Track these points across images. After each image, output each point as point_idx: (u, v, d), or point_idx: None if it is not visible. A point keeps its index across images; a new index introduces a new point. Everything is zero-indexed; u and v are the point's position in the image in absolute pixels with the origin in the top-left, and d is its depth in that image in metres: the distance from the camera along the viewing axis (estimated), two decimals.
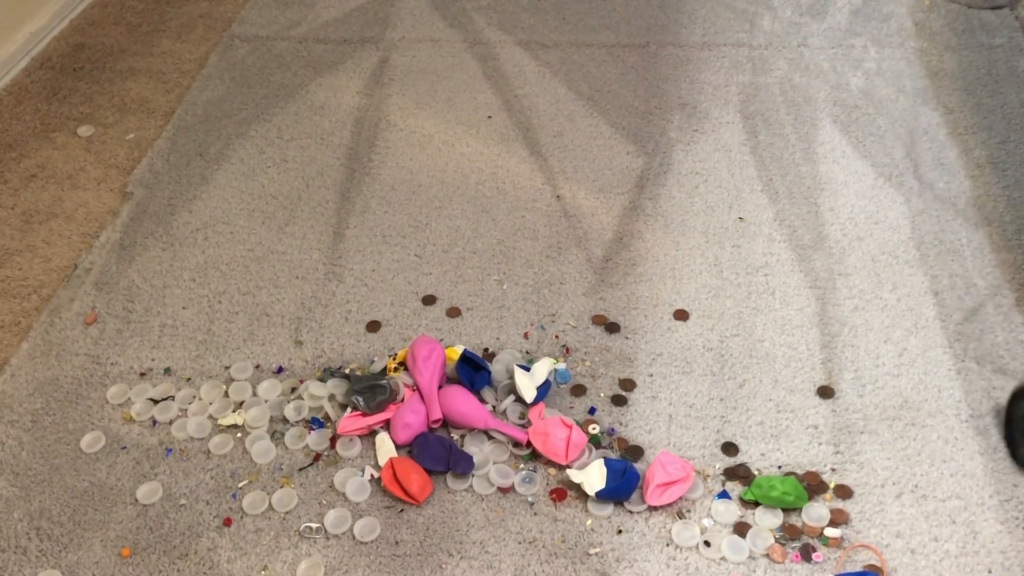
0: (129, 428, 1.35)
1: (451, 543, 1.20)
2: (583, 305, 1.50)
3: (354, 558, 1.18)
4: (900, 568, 1.14)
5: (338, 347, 1.46)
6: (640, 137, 1.83)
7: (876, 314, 1.46)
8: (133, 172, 1.82)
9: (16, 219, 1.73)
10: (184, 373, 1.43)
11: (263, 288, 1.56)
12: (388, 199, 1.73)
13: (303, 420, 1.35)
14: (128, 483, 1.28)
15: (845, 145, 1.78)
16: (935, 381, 1.36)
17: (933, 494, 1.22)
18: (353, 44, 2.14)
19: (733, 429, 1.31)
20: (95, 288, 1.58)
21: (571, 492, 1.24)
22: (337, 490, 1.26)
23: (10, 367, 1.45)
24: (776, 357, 1.40)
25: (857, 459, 1.26)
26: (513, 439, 1.30)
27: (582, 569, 1.16)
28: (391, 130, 1.89)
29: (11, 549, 1.21)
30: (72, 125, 1.96)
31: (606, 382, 1.38)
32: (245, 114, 1.95)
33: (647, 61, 2.04)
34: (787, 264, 1.55)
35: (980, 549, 1.16)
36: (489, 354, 1.43)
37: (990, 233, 1.58)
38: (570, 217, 1.67)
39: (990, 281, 1.50)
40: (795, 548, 1.17)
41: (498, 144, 1.84)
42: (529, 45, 2.11)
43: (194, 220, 1.71)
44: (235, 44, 2.17)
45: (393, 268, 1.59)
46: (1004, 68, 1.94)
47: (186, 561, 1.19)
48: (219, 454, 1.31)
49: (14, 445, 1.34)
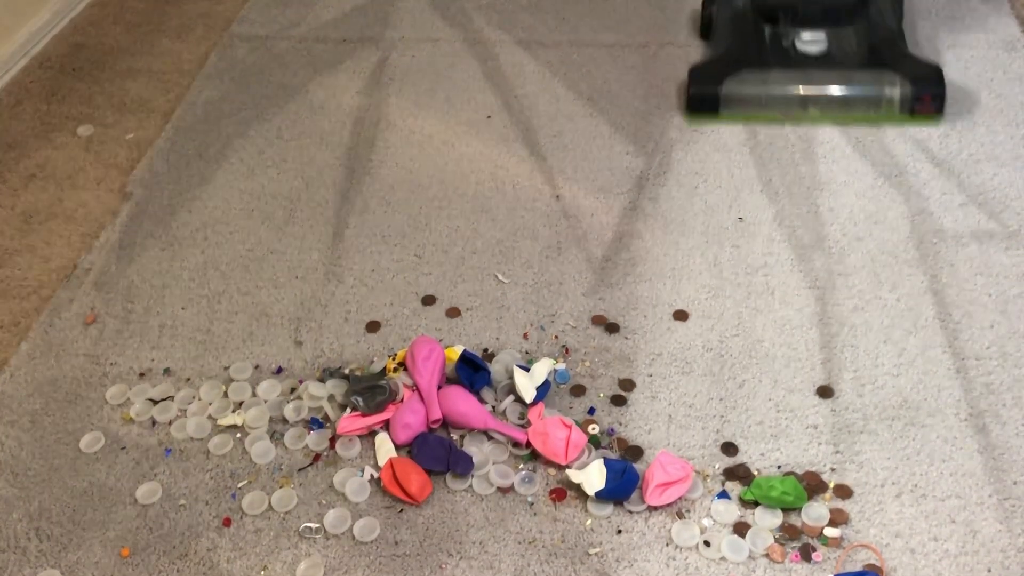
0: (128, 428, 1.36)
1: (451, 543, 1.20)
2: (583, 305, 1.50)
3: (354, 558, 1.18)
4: (900, 568, 1.14)
5: (338, 347, 1.46)
6: (640, 137, 1.83)
7: (876, 314, 1.46)
8: (133, 172, 1.82)
9: (16, 219, 1.73)
10: (183, 373, 1.43)
11: (263, 288, 1.56)
12: (388, 199, 1.73)
13: (303, 420, 1.35)
14: (127, 483, 1.28)
15: (845, 145, 1.78)
16: (935, 381, 1.36)
17: (933, 494, 1.22)
18: (353, 44, 2.14)
19: (733, 429, 1.31)
20: (95, 288, 1.58)
21: (571, 492, 1.24)
22: (337, 490, 1.26)
23: (9, 367, 1.45)
24: (776, 357, 1.40)
25: (857, 459, 1.26)
26: (513, 439, 1.30)
27: (582, 569, 1.16)
28: (391, 130, 1.89)
29: (11, 549, 1.21)
30: (72, 125, 1.96)
31: (606, 382, 1.38)
32: (245, 114, 1.95)
33: (647, 61, 2.04)
34: (787, 264, 1.55)
35: (980, 548, 1.16)
36: (489, 354, 1.43)
37: (993, 231, 1.58)
38: (570, 217, 1.67)
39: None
40: (795, 548, 1.17)
41: (498, 144, 1.84)
42: (529, 45, 2.11)
43: (194, 220, 1.71)
44: (235, 44, 2.17)
45: (393, 268, 1.59)
46: (1003, 67, 1.94)
47: (185, 561, 1.19)
48: (218, 454, 1.31)
49: (13, 445, 1.34)
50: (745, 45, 1.88)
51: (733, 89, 1.81)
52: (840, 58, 1.84)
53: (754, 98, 1.81)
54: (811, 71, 1.81)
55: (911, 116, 1.77)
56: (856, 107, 1.79)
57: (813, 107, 1.79)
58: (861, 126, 1.79)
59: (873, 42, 1.84)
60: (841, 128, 1.81)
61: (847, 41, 1.85)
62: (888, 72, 1.78)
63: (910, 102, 1.77)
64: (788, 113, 1.79)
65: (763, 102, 1.80)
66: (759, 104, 1.81)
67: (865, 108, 1.78)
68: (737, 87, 1.81)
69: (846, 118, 1.79)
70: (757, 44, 1.87)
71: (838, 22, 1.88)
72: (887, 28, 1.88)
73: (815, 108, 1.79)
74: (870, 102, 1.78)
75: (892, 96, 1.76)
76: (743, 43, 1.88)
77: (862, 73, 1.81)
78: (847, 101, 1.79)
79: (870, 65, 1.82)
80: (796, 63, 1.84)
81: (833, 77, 1.80)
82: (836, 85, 1.79)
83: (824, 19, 1.88)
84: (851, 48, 1.84)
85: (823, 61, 1.83)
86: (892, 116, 1.78)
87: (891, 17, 1.92)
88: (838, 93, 1.79)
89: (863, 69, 1.81)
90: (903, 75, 1.78)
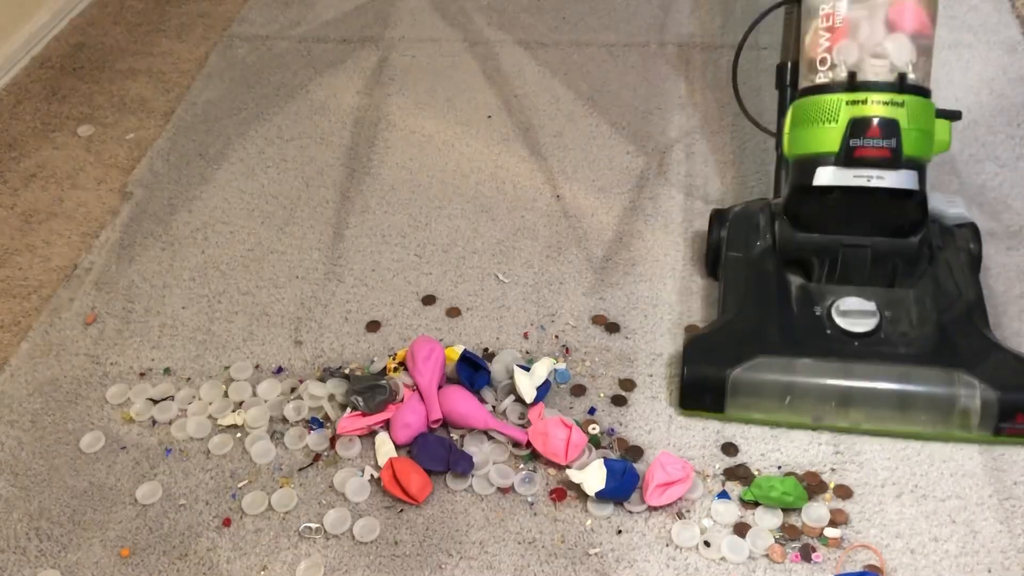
0: (129, 428, 1.36)
1: (451, 543, 1.20)
2: (583, 305, 1.50)
3: (354, 558, 1.18)
4: (900, 568, 1.14)
5: (338, 347, 1.46)
6: (640, 137, 1.83)
7: None
8: (133, 172, 1.82)
9: (16, 219, 1.73)
10: (184, 373, 1.43)
11: (263, 288, 1.56)
12: (388, 199, 1.73)
13: (303, 420, 1.35)
14: (128, 483, 1.28)
15: None
16: None
17: (933, 494, 1.22)
18: (353, 44, 2.14)
19: (733, 429, 1.31)
20: (95, 288, 1.58)
21: (571, 492, 1.24)
22: (337, 490, 1.26)
23: (10, 367, 1.45)
24: None
25: (857, 459, 1.26)
26: (513, 439, 1.30)
27: (582, 569, 1.16)
28: (391, 130, 1.89)
29: (10, 549, 1.21)
30: (72, 125, 1.96)
31: (606, 382, 1.38)
32: (245, 114, 1.96)
33: (647, 61, 2.04)
34: None
35: (980, 549, 1.16)
36: (489, 354, 1.43)
37: (993, 230, 1.58)
38: (570, 217, 1.67)
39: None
40: (795, 548, 1.17)
41: (498, 144, 1.84)
42: (529, 45, 2.11)
43: (194, 220, 1.71)
44: (235, 44, 2.17)
45: (393, 268, 1.59)
46: (1003, 67, 1.94)
47: (185, 561, 1.19)
48: (219, 454, 1.31)
49: (13, 445, 1.34)
50: (764, 312, 1.34)
51: (742, 384, 1.28)
52: (896, 342, 1.29)
53: (773, 399, 1.28)
54: (854, 364, 1.27)
55: (994, 436, 1.25)
56: (916, 421, 1.26)
57: (856, 411, 1.27)
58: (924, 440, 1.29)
59: (945, 320, 1.30)
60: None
61: (904, 313, 1.32)
62: (958, 373, 1.24)
63: (995, 420, 1.23)
64: (820, 421, 1.28)
65: (786, 399, 1.27)
66: (780, 401, 1.28)
67: (928, 424, 1.25)
68: (748, 382, 1.28)
69: (902, 432, 1.28)
70: (780, 311, 1.34)
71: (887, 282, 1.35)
72: (962, 298, 1.33)
73: (858, 412, 1.27)
74: (935, 414, 1.24)
75: (969, 408, 1.23)
76: (763, 309, 1.35)
77: (923, 371, 1.25)
78: (903, 409, 1.26)
79: (935, 358, 1.27)
80: (834, 347, 1.29)
81: (883, 374, 1.26)
82: (887, 387, 1.26)
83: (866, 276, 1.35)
84: (910, 326, 1.31)
85: (873, 346, 1.29)
86: (967, 434, 1.25)
87: (965, 276, 1.36)
88: (890, 400, 1.26)
89: (925, 365, 1.26)
90: (981, 378, 1.23)
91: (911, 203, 1.31)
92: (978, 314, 1.32)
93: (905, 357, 1.27)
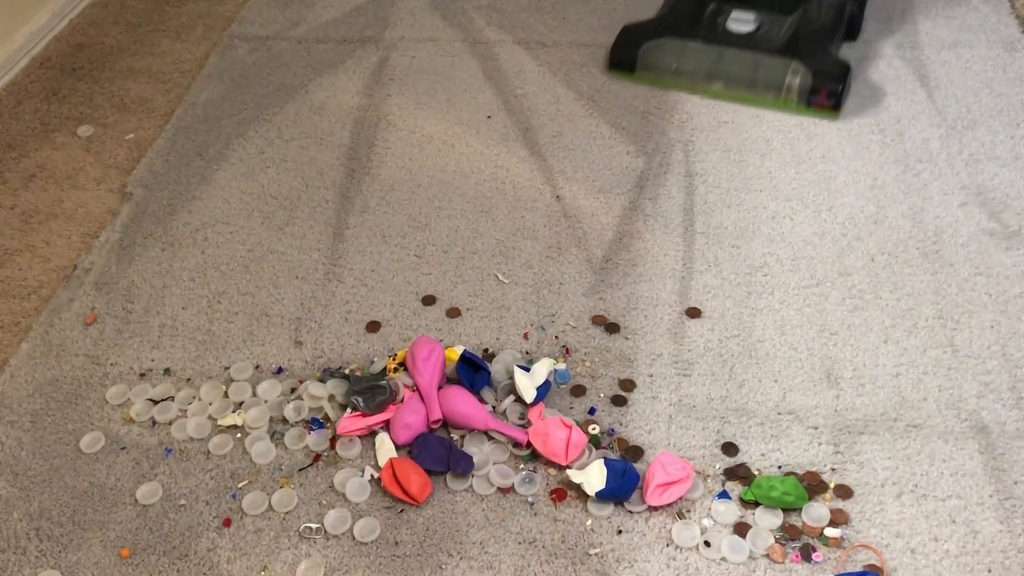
0: (129, 428, 1.35)
1: (451, 543, 1.20)
2: (583, 305, 1.50)
3: (354, 558, 1.18)
4: (900, 568, 1.14)
5: (338, 347, 1.46)
6: (640, 137, 1.83)
7: (876, 314, 1.46)
8: (133, 172, 1.82)
9: (16, 219, 1.73)
10: (184, 373, 1.43)
11: (263, 288, 1.56)
12: (388, 199, 1.73)
13: (303, 420, 1.35)
14: (128, 483, 1.28)
15: (846, 145, 1.78)
16: (935, 381, 1.36)
17: (933, 494, 1.22)
18: (353, 44, 2.14)
19: (733, 429, 1.31)
20: (95, 288, 1.58)
21: (571, 492, 1.24)
22: (337, 490, 1.26)
23: (10, 367, 1.45)
24: (776, 357, 1.40)
25: (857, 459, 1.26)
26: (513, 439, 1.30)
27: (582, 569, 1.16)
28: (391, 130, 1.89)
29: (11, 549, 1.21)
30: (72, 125, 1.96)
31: (606, 382, 1.38)
32: (245, 114, 1.95)
33: None
34: (787, 264, 1.55)
35: (980, 549, 1.16)
36: (489, 354, 1.43)
37: (993, 230, 1.58)
38: (570, 217, 1.67)
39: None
40: (795, 548, 1.17)
41: (498, 144, 1.84)
42: (529, 45, 2.11)
43: (194, 220, 1.71)
44: (235, 44, 2.17)
45: (393, 268, 1.59)
46: (1003, 67, 1.94)
47: (186, 561, 1.19)
48: (219, 454, 1.31)
49: (14, 445, 1.34)
50: (679, 14, 1.98)
51: (649, 53, 1.93)
52: (762, 42, 1.89)
53: (665, 65, 1.92)
54: (727, 49, 1.88)
55: (807, 107, 1.83)
56: (758, 90, 1.86)
57: (718, 83, 1.89)
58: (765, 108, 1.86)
59: (801, 33, 1.88)
60: (841, 126, 1.81)
61: (777, 28, 1.92)
62: (795, 62, 1.83)
63: (808, 94, 1.82)
64: (695, 84, 1.90)
65: (673, 70, 1.91)
66: (669, 71, 1.92)
67: (766, 92, 1.85)
68: (653, 52, 1.93)
69: (747, 99, 1.88)
70: (691, 15, 1.97)
71: (771, 8, 1.96)
72: (820, 24, 1.91)
73: (720, 84, 1.89)
74: (772, 87, 1.85)
75: (792, 85, 1.82)
76: (679, 12, 1.99)
77: (771, 59, 1.85)
78: (751, 82, 1.86)
79: (783, 53, 1.85)
80: (718, 39, 1.91)
81: (744, 58, 1.87)
82: (744, 66, 1.86)
83: (759, 2, 1.97)
84: (776, 35, 1.90)
85: (744, 41, 1.90)
86: (791, 105, 1.84)
87: (829, 15, 1.94)
88: (744, 74, 1.87)
89: (774, 55, 1.85)
90: (808, 67, 1.82)
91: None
92: (827, 33, 1.89)
93: (764, 51, 1.86)
